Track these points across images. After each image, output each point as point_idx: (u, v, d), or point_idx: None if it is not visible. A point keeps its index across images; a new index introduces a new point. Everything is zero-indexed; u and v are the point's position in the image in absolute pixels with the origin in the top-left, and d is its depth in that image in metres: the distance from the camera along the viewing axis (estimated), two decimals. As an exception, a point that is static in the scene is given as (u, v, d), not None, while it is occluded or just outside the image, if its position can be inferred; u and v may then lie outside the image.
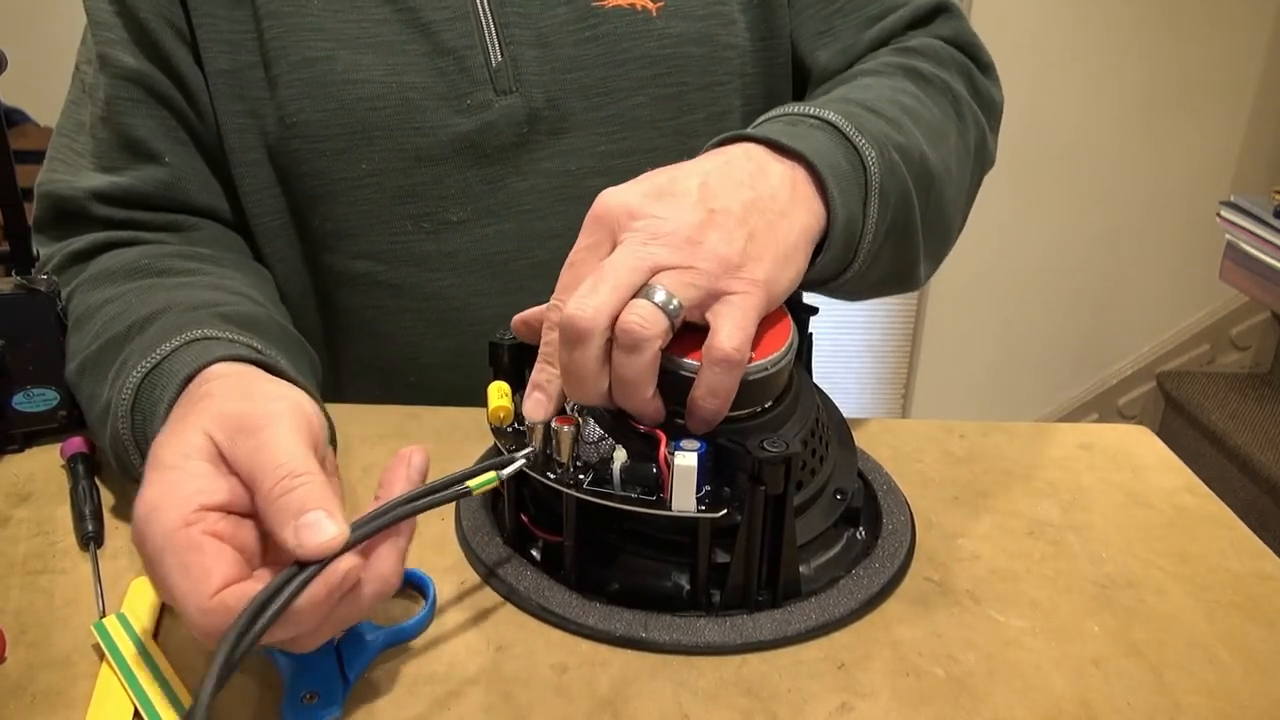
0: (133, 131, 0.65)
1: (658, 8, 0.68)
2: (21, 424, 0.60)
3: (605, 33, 0.67)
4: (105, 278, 0.60)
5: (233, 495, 0.39)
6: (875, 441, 0.64)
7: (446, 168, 0.67)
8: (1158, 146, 2.17)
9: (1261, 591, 0.51)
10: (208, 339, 0.51)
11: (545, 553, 0.51)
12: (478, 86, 0.66)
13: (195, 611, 0.36)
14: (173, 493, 0.38)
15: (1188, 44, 2.09)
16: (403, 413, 0.66)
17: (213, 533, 0.38)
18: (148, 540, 0.37)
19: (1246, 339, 2.34)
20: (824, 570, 0.50)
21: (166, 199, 0.66)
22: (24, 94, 1.83)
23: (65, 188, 0.65)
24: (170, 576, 0.37)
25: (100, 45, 0.65)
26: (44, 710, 0.41)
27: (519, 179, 0.68)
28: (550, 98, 0.67)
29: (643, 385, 0.43)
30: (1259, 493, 1.91)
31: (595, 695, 0.43)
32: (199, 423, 0.41)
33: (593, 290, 0.43)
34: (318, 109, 0.65)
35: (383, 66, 0.65)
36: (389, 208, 0.67)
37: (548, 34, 0.67)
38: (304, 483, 0.38)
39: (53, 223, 0.66)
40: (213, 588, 0.36)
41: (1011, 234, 2.18)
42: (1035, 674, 0.45)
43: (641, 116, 0.69)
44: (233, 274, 0.64)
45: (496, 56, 0.66)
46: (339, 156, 0.66)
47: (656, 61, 0.68)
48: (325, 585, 0.37)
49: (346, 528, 0.38)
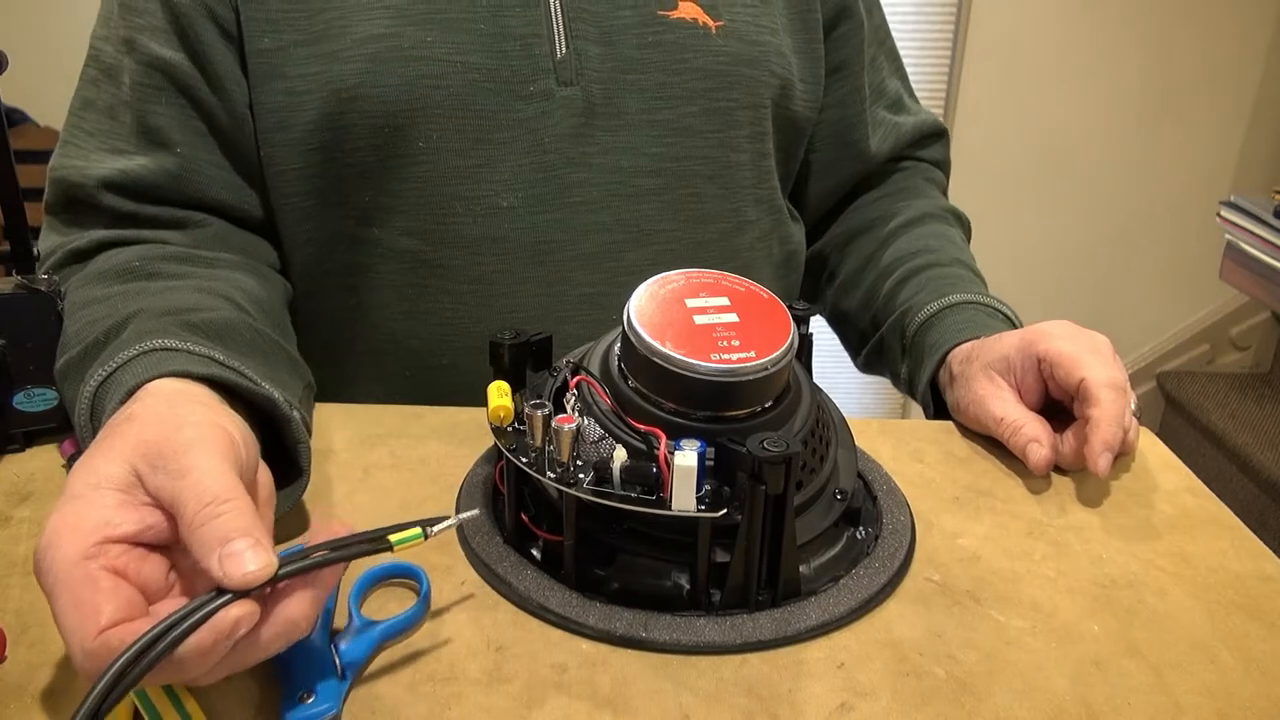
0: (151, 119, 0.65)
1: (718, 26, 0.71)
2: (21, 424, 0.60)
3: (668, 41, 0.69)
4: (94, 278, 0.61)
5: (141, 526, 0.38)
6: (875, 441, 0.64)
7: (502, 152, 0.67)
8: (1158, 147, 2.17)
9: (1261, 592, 0.51)
10: (165, 350, 0.50)
11: (545, 552, 0.51)
12: (541, 74, 0.67)
13: (78, 650, 0.35)
14: (77, 523, 0.37)
15: (1188, 45, 2.09)
16: (403, 412, 0.66)
17: (111, 568, 0.37)
18: (45, 573, 0.36)
19: (1246, 339, 2.34)
20: (824, 570, 0.50)
21: (174, 191, 0.66)
22: (24, 94, 1.83)
23: (76, 174, 0.65)
24: (62, 612, 0.35)
25: (130, 30, 0.65)
26: (44, 710, 0.41)
27: (571, 170, 0.69)
28: (609, 95, 0.68)
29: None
30: (1259, 493, 1.91)
31: (595, 695, 0.43)
32: (117, 450, 0.40)
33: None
34: (378, 83, 0.65)
35: (448, 45, 0.65)
36: (440, 187, 0.68)
37: (613, 33, 0.68)
38: (228, 509, 0.37)
39: (62, 208, 0.66)
40: (100, 625, 0.35)
41: (1012, 234, 2.18)
42: (1035, 674, 0.45)
43: (693, 125, 0.71)
44: (227, 276, 0.64)
45: (562, 48, 0.67)
46: (396, 132, 0.66)
47: (711, 75, 0.71)
48: (212, 633, 0.35)
49: (274, 558, 0.37)
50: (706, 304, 0.49)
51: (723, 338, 0.47)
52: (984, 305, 0.72)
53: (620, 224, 0.71)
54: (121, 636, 0.35)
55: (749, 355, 0.46)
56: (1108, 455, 0.57)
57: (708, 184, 0.73)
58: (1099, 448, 0.57)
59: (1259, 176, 2.18)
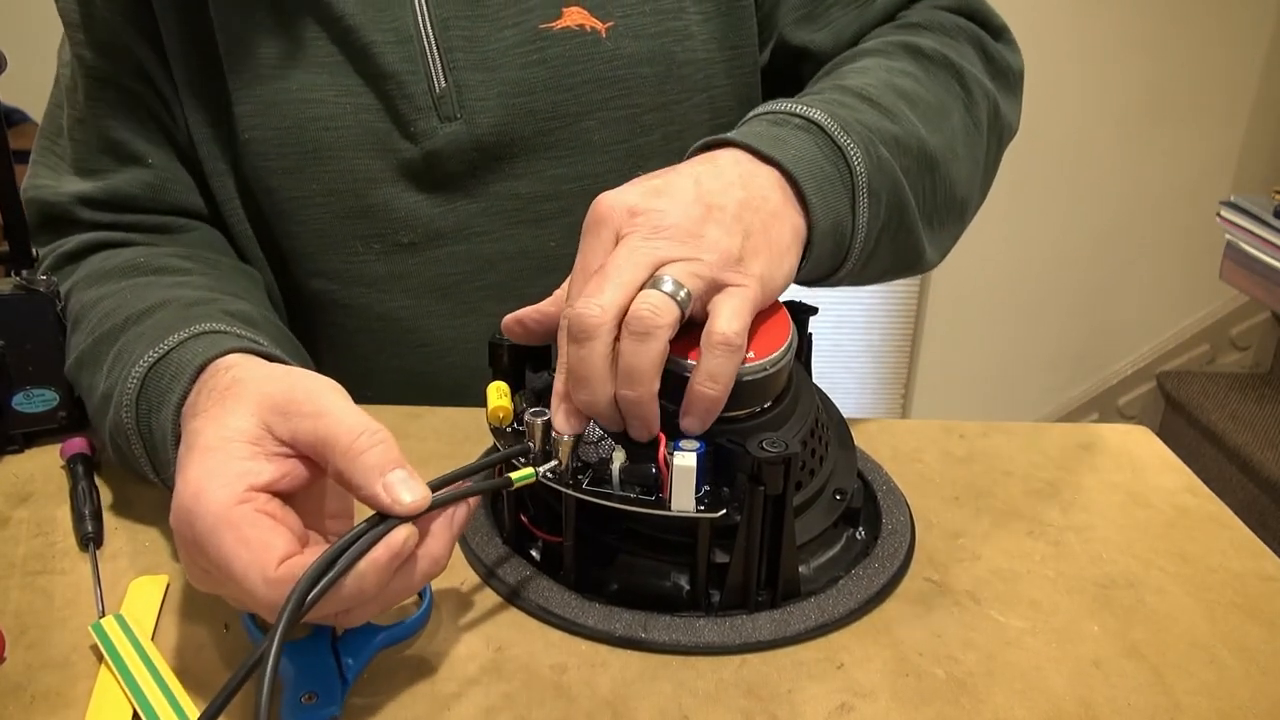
0: (113, 133, 0.65)
1: (607, 28, 0.65)
2: (21, 424, 0.60)
3: (553, 55, 0.65)
4: (100, 277, 0.60)
5: (278, 474, 0.40)
6: (875, 441, 0.64)
7: (396, 190, 0.66)
8: (1158, 147, 2.17)
9: (1261, 591, 0.51)
10: (216, 332, 0.51)
11: (545, 553, 0.51)
12: (421, 113, 0.64)
13: (261, 582, 0.37)
14: (219, 473, 0.39)
15: (1188, 45, 2.09)
16: (403, 413, 0.65)
17: (264, 511, 0.39)
18: (197, 519, 0.38)
19: (1246, 339, 2.34)
20: (824, 570, 0.50)
21: (153, 200, 0.66)
22: (24, 94, 1.82)
23: (49, 194, 0.65)
24: (229, 551, 0.37)
25: (76, 47, 0.64)
26: (44, 710, 0.41)
27: (469, 202, 0.67)
28: (497, 124, 0.65)
29: (650, 377, 0.43)
30: (1259, 493, 1.90)
31: (595, 695, 0.43)
32: (243, 405, 0.41)
33: (599, 288, 0.43)
34: (271, 126, 0.64)
35: (335, 87, 0.64)
36: (341, 228, 0.67)
37: (494, 58, 0.64)
38: (380, 440, 0.39)
39: (39, 229, 0.66)
40: (280, 555, 0.37)
41: (1012, 234, 2.18)
42: (1035, 674, 0.45)
43: (593, 140, 0.67)
44: (227, 276, 0.64)
45: (440, 82, 0.64)
46: (291, 175, 0.65)
47: (607, 84, 0.65)
48: (387, 550, 0.38)
49: (428, 488, 0.39)
50: (706, 304, 0.49)
51: (722, 338, 0.47)
52: (773, 114, 0.55)
53: (523, 252, 0.68)
54: (302, 561, 0.37)
55: (749, 355, 0.46)
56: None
57: None
58: None
59: (1259, 176, 2.18)
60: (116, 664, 0.43)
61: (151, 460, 0.49)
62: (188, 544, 0.39)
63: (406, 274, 0.68)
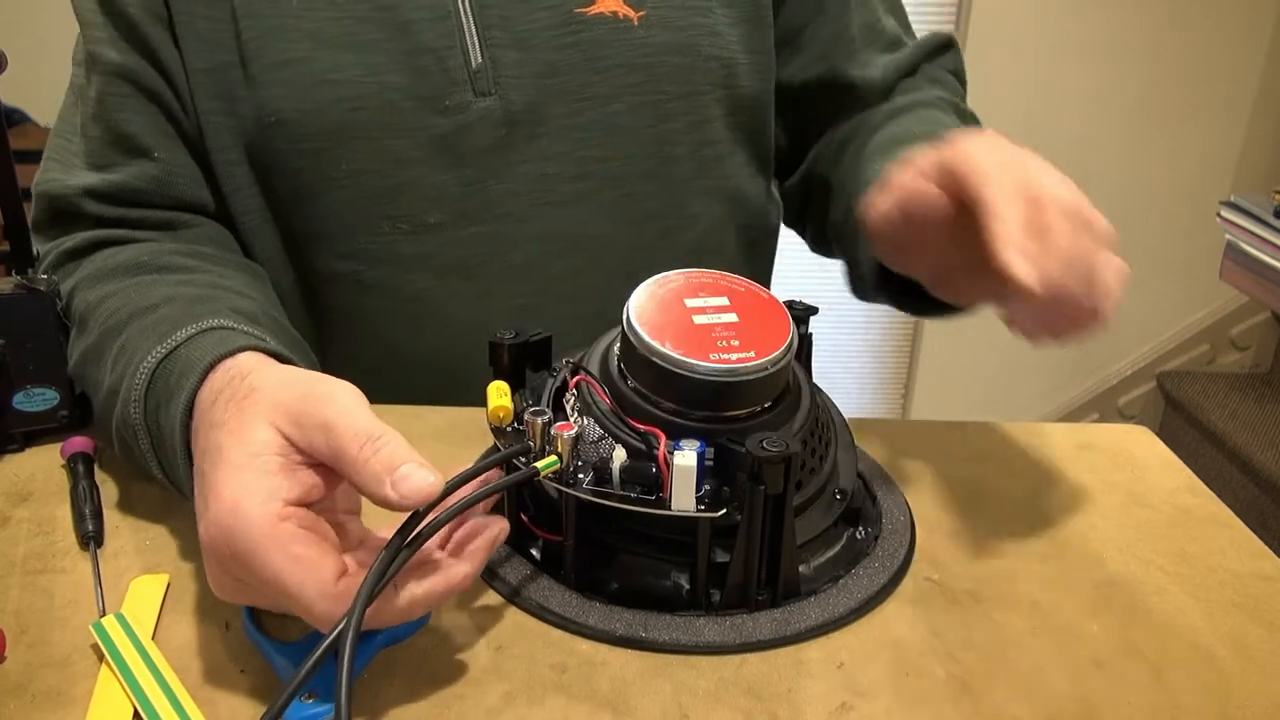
0: (123, 127, 0.65)
1: (639, 16, 0.67)
2: (21, 424, 0.60)
3: (586, 39, 0.67)
4: (104, 275, 0.60)
5: (306, 488, 0.40)
6: (875, 441, 0.64)
7: (424, 170, 0.67)
8: (1158, 147, 2.17)
9: (1261, 592, 0.51)
10: (224, 329, 0.51)
11: (545, 553, 0.51)
12: (456, 87, 0.66)
13: (317, 597, 0.38)
14: (255, 489, 0.39)
15: (1188, 44, 2.09)
16: (404, 412, 0.66)
17: (306, 527, 0.39)
18: (237, 535, 0.38)
19: (1246, 339, 2.34)
20: (824, 570, 0.50)
21: (159, 195, 0.66)
22: (24, 94, 1.83)
23: (58, 186, 0.65)
24: (280, 568, 0.38)
25: (89, 44, 0.65)
26: (44, 710, 0.41)
27: (496, 182, 0.68)
28: (529, 102, 0.67)
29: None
30: (1259, 493, 1.90)
31: (595, 695, 0.43)
32: (261, 417, 0.41)
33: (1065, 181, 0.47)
34: (296, 109, 0.64)
35: (362, 66, 0.65)
36: (368, 209, 0.67)
37: (528, 37, 0.66)
38: (385, 442, 0.40)
39: (48, 222, 0.66)
40: (336, 572, 0.39)
41: (1011, 234, 2.18)
42: (1035, 674, 0.45)
43: (620, 123, 0.69)
44: (231, 273, 0.64)
45: (476, 58, 0.66)
46: (317, 157, 0.66)
47: (636, 70, 0.68)
48: (446, 584, 0.42)
49: (440, 475, 0.40)
50: (706, 304, 0.49)
51: (722, 337, 0.47)
52: None
53: (548, 234, 0.69)
54: (359, 579, 0.38)
55: (748, 355, 0.46)
56: (1016, 256, 0.43)
57: (642, 183, 0.71)
58: (1002, 246, 0.43)
59: (1259, 176, 2.18)
60: (117, 663, 0.43)
61: (158, 456, 0.49)
62: (224, 558, 0.40)
63: (432, 254, 0.69)
